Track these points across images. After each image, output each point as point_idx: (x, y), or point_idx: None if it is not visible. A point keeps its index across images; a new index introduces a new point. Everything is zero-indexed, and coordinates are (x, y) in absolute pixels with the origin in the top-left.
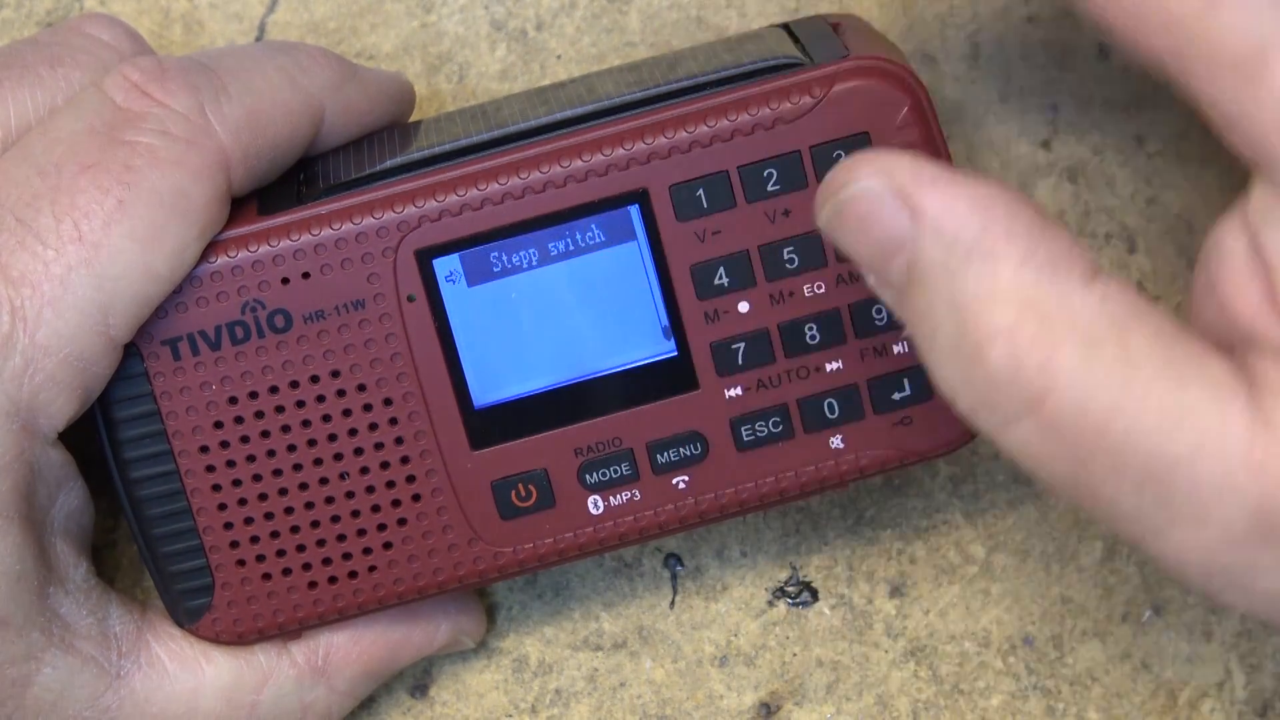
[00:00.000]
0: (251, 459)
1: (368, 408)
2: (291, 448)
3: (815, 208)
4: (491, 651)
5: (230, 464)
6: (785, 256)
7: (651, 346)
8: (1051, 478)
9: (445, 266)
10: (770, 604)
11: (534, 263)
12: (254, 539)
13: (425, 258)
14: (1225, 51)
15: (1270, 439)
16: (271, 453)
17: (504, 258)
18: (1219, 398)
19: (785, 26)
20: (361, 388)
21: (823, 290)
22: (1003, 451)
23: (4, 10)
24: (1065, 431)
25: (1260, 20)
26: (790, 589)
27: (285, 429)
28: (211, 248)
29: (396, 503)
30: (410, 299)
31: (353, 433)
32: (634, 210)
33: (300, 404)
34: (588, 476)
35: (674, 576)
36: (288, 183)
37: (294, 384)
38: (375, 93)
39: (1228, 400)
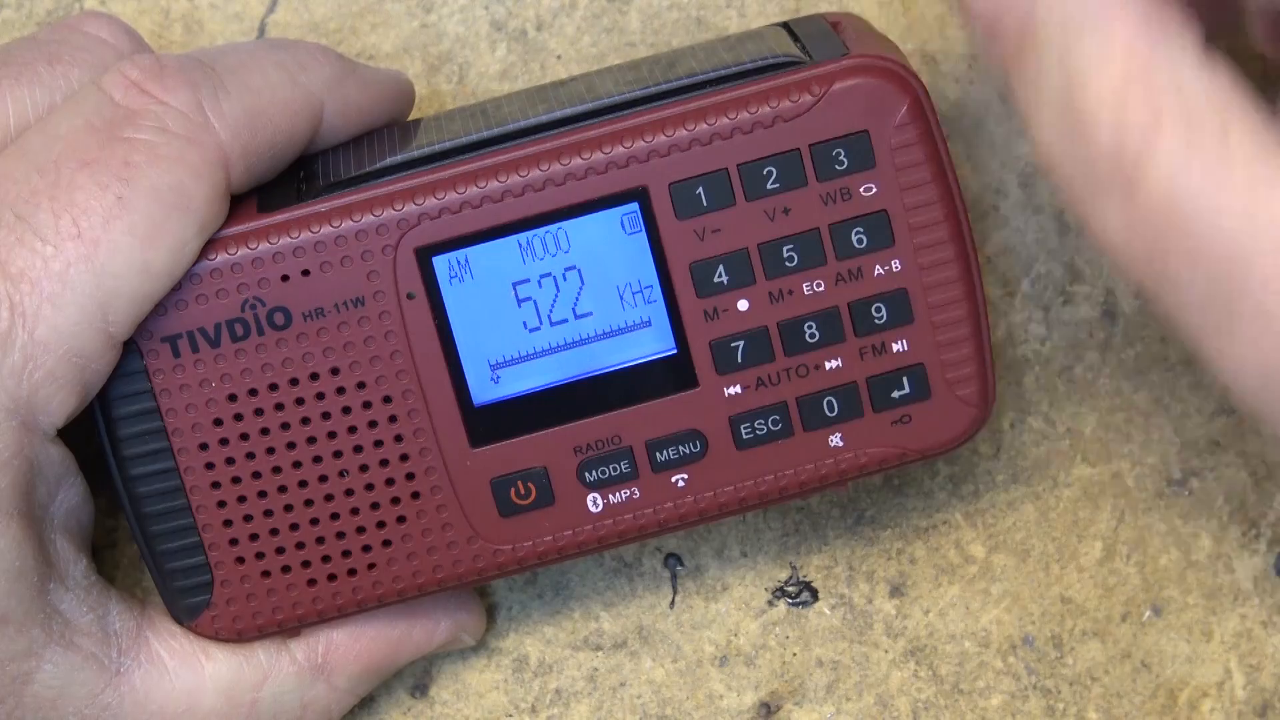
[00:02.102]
0: (251, 456)
1: (367, 405)
2: (291, 445)
3: None
4: (491, 651)
5: (230, 461)
6: (785, 255)
7: (651, 344)
8: (1130, 258)
9: (445, 264)
10: (770, 604)
11: (533, 260)
12: (253, 536)
13: (425, 255)
14: None
15: None
16: (271, 450)
17: (503, 256)
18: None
19: (785, 25)
20: (361, 385)
21: (822, 289)
22: (1087, 226)
23: (4, 10)
24: (1153, 209)
25: None
26: (790, 589)
27: (285, 426)
28: (211, 245)
29: (396, 500)
30: (410, 296)
31: (352, 430)
32: (634, 208)
33: (300, 401)
34: (587, 474)
35: (674, 576)
36: (287, 180)
37: (293, 381)
38: (375, 90)
39: None
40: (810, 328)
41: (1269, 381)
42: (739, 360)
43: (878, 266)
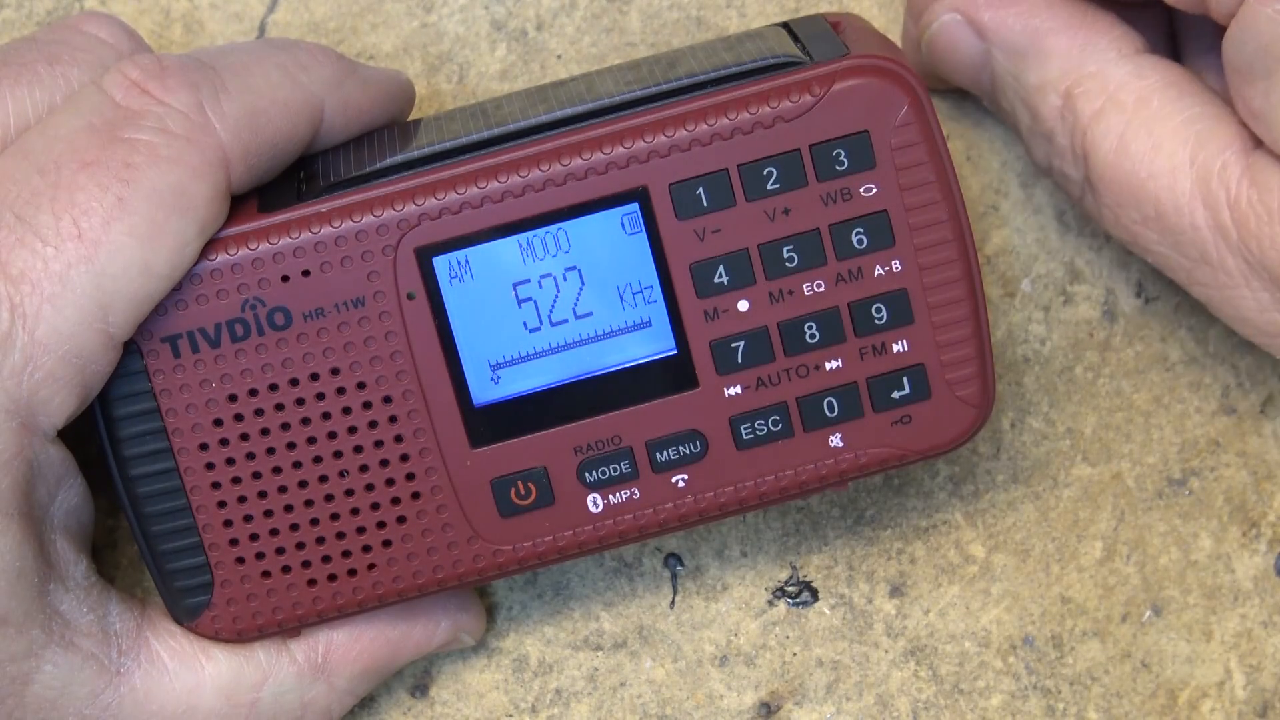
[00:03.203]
0: (251, 456)
1: (367, 405)
2: (291, 445)
3: (919, 50)
4: (491, 651)
5: (230, 461)
6: (785, 255)
7: (651, 345)
8: (1116, 234)
9: (445, 264)
10: (770, 604)
11: (533, 261)
12: (253, 536)
13: (425, 255)
14: None
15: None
16: (271, 450)
17: (503, 256)
18: (1220, 151)
19: (785, 25)
20: (361, 385)
21: (822, 289)
22: (1090, 215)
23: (4, 10)
24: (1106, 182)
25: None
26: (790, 589)
27: (285, 427)
28: (211, 245)
29: (396, 500)
30: (410, 297)
31: (352, 430)
32: (634, 208)
33: (300, 402)
34: (587, 475)
35: (674, 576)
36: (288, 180)
37: (294, 382)
38: (375, 90)
39: (1232, 158)
40: (810, 328)
41: (1236, 311)
42: (739, 360)
43: (878, 267)
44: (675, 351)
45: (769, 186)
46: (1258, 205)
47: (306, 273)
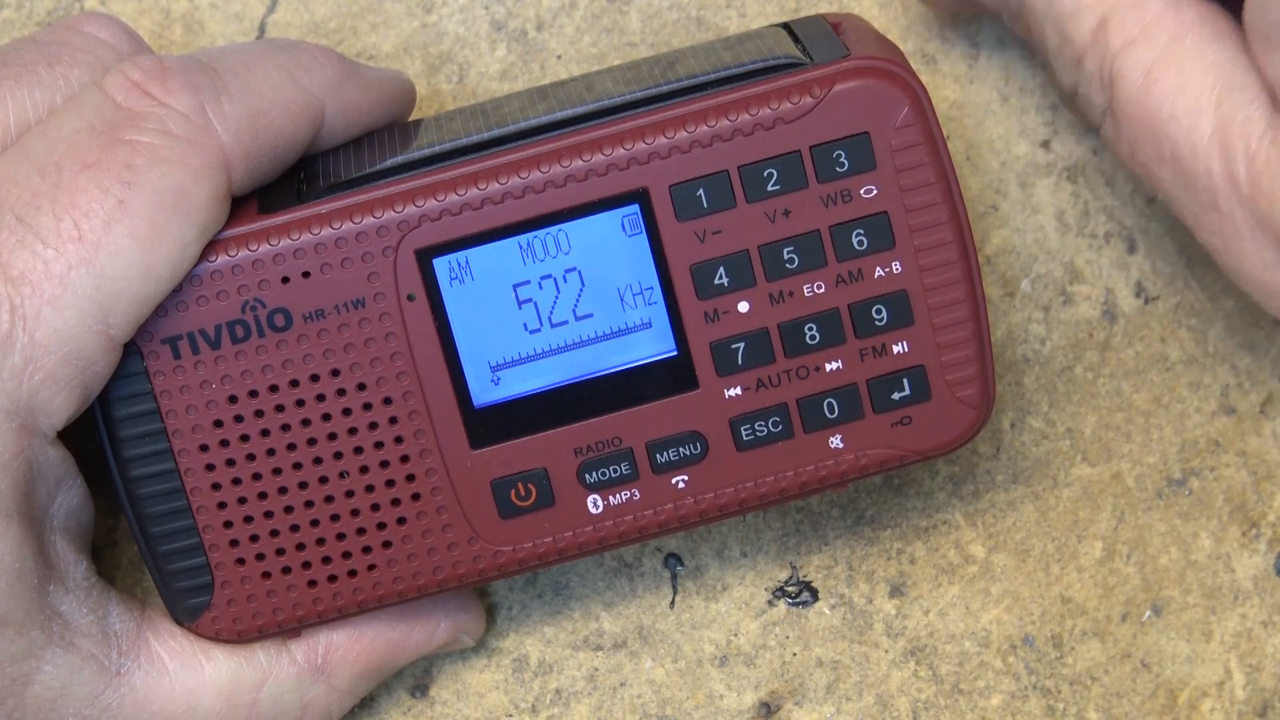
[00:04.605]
0: (251, 458)
1: (367, 407)
2: (291, 446)
3: None
4: (491, 651)
5: (230, 462)
6: (785, 256)
7: (651, 346)
8: (1130, 167)
9: (445, 266)
10: (770, 604)
11: (534, 262)
12: (253, 537)
13: (425, 257)
14: None
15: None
16: (271, 451)
17: (504, 257)
18: (1246, 103)
19: (785, 26)
20: (361, 387)
21: (822, 290)
22: (1106, 144)
23: (5, 10)
24: (1128, 115)
25: None
26: (790, 589)
27: (285, 428)
28: (212, 246)
29: (396, 501)
30: (410, 298)
31: (352, 432)
32: (634, 210)
33: (300, 403)
34: (587, 476)
35: (674, 576)
36: (288, 181)
37: (294, 383)
38: (376, 91)
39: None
40: (811, 329)
41: (1240, 266)
42: (739, 362)
43: (878, 268)
44: (675, 353)
45: (769, 188)
46: (1275, 164)
47: (307, 274)
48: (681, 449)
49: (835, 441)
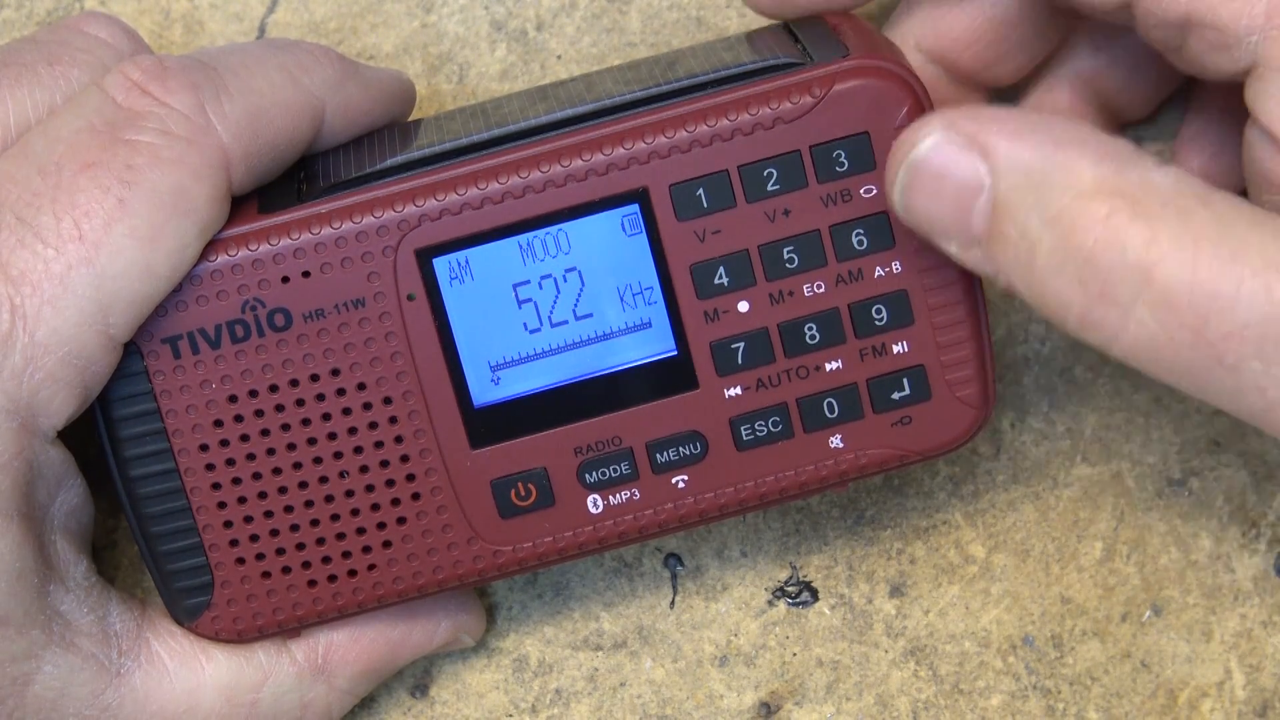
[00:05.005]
0: (251, 457)
1: (367, 406)
2: (291, 446)
3: (887, 188)
4: (491, 651)
5: (230, 462)
6: (785, 256)
7: (651, 346)
8: (1173, 362)
9: (445, 265)
10: (770, 604)
11: (534, 262)
12: (254, 537)
13: (425, 257)
14: None
15: None
16: (271, 451)
17: (504, 257)
18: None
19: (785, 26)
20: (361, 386)
21: (822, 290)
22: (1123, 357)
23: (4, 10)
24: (1178, 302)
25: None
26: (790, 589)
27: (285, 428)
28: (212, 246)
29: (396, 501)
30: (410, 298)
31: (352, 431)
32: (634, 209)
33: (300, 403)
34: (587, 476)
35: (674, 576)
36: (288, 181)
37: (294, 383)
38: (376, 91)
39: None
40: (811, 329)
41: None
42: (739, 361)
43: (878, 268)
44: (675, 352)
45: (769, 187)
46: None
47: (307, 273)
48: (681, 449)
49: (835, 441)
